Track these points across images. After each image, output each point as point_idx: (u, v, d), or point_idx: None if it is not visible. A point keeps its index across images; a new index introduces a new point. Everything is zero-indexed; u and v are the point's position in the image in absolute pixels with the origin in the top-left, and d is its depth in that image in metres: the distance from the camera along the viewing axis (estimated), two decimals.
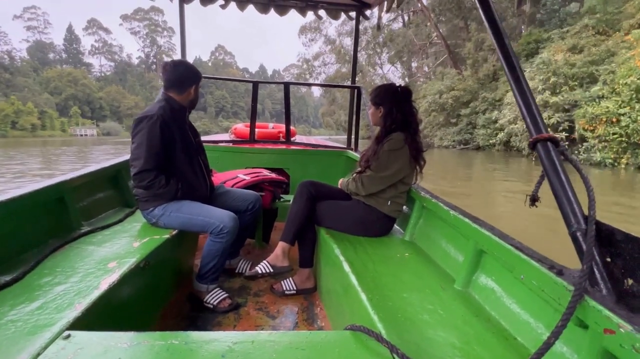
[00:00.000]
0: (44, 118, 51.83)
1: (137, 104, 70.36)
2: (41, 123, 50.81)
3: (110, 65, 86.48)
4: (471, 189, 9.37)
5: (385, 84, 1.93)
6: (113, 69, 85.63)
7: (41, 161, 15.09)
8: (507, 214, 6.20)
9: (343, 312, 1.44)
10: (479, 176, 11.83)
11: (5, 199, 1.29)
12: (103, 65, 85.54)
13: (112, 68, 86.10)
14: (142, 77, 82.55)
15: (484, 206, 6.69)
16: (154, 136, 1.65)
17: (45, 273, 1.23)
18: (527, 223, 5.06)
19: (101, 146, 26.18)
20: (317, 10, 3.19)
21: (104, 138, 51.09)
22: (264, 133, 4.06)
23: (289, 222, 1.83)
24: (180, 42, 3.23)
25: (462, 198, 7.25)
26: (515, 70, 1.13)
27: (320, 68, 45.34)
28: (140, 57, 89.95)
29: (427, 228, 1.76)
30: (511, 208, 6.47)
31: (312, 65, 45.08)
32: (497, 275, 1.22)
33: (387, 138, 1.79)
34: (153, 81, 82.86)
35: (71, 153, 19.72)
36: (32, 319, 0.96)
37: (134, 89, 76.66)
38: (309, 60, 44.90)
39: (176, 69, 1.82)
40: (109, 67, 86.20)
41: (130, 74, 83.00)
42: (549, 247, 1.67)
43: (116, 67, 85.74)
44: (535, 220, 5.05)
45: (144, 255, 1.38)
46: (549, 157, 0.99)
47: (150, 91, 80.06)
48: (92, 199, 1.92)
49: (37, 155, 18.09)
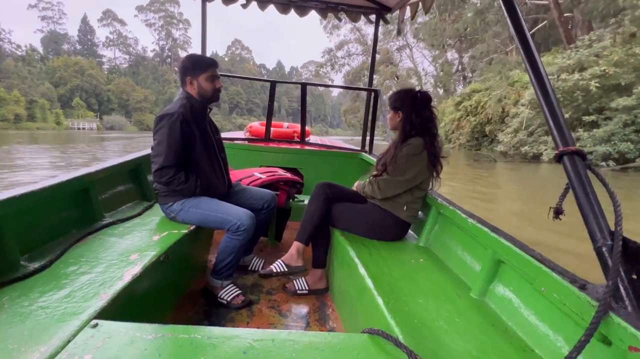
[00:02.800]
0: (34, 108, 46.28)
1: (146, 97, 66.58)
2: (29, 114, 45.26)
3: (124, 58, 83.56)
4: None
5: (405, 89, 1.92)
6: (127, 61, 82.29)
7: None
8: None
9: (356, 314, 1.46)
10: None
11: (36, 188, 1.35)
12: (117, 58, 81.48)
13: (126, 61, 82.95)
14: (155, 70, 78.16)
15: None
16: (174, 134, 1.71)
17: (71, 261, 1.30)
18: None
19: (67, 145, 19.64)
20: (337, 12, 3.21)
21: (106, 133, 45.49)
22: (279, 132, 3.95)
23: (305, 223, 1.87)
24: (201, 41, 3.26)
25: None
26: (542, 79, 1.12)
27: (344, 59, 38.89)
28: (155, 50, 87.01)
29: (443, 235, 1.77)
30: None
31: (335, 56, 38.33)
32: (516, 286, 1.22)
33: (405, 143, 1.80)
34: (166, 74, 79.74)
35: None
36: (61, 306, 1.02)
37: (145, 82, 73.49)
38: (331, 50, 38.22)
39: (181, 62, 1.86)
40: (123, 60, 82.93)
41: (143, 66, 78.35)
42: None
43: (130, 60, 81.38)
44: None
45: (163, 249, 1.44)
46: (575, 170, 0.99)
47: (163, 85, 75.22)
48: (113, 192, 1.99)
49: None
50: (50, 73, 61.72)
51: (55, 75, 60.74)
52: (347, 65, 41.10)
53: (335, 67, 41.36)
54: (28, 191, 1.32)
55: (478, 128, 21.96)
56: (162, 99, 74.21)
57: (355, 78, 39.49)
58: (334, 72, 41.90)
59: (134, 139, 29.94)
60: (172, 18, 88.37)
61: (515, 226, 5.24)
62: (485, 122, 21.28)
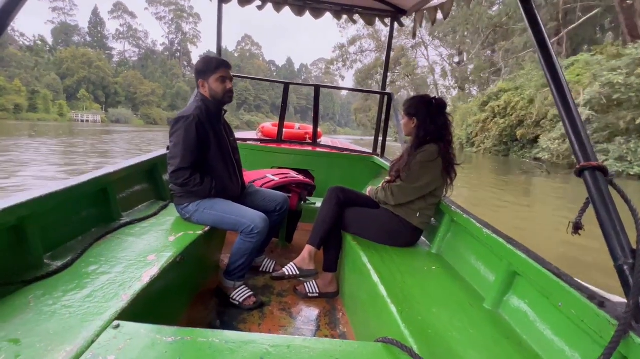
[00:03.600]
0: (36, 99, 45.07)
1: (154, 91, 65.71)
2: (30, 104, 44.01)
3: (134, 51, 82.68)
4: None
5: (420, 95, 1.94)
6: (137, 55, 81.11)
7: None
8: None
9: (368, 320, 1.49)
10: None
11: (60, 189, 1.39)
12: (127, 51, 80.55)
13: (135, 54, 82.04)
14: (164, 64, 77.14)
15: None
16: (189, 136, 1.75)
17: (91, 261, 1.33)
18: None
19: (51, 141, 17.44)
20: (352, 14, 3.23)
21: (112, 126, 44.32)
22: (291, 133, 3.99)
23: (317, 227, 1.89)
24: (216, 41, 3.30)
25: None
26: (564, 93, 1.12)
27: (356, 55, 37.06)
28: (165, 44, 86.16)
29: (456, 243, 1.78)
30: None
31: (347, 52, 36.54)
32: (531, 299, 1.22)
33: (420, 149, 1.81)
34: (174, 68, 78.33)
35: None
36: (84, 306, 1.04)
37: (154, 76, 72.07)
38: (343, 45, 36.40)
39: (195, 64, 1.90)
40: (133, 53, 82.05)
41: (152, 60, 77.31)
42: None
43: (140, 53, 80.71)
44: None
45: (179, 250, 1.48)
46: (596, 186, 0.98)
47: (171, 79, 74.12)
48: (130, 191, 2.03)
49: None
50: (58, 64, 61.60)
51: (63, 67, 60.31)
52: (359, 62, 39.41)
53: (347, 63, 39.69)
54: (52, 191, 1.35)
55: (507, 131, 19.80)
56: (170, 93, 73.45)
57: (368, 76, 37.76)
58: (345, 68, 40.35)
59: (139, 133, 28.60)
60: (182, 12, 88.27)
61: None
62: (516, 124, 19.11)
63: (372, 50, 38.79)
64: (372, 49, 38.72)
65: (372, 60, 38.32)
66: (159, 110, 68.41)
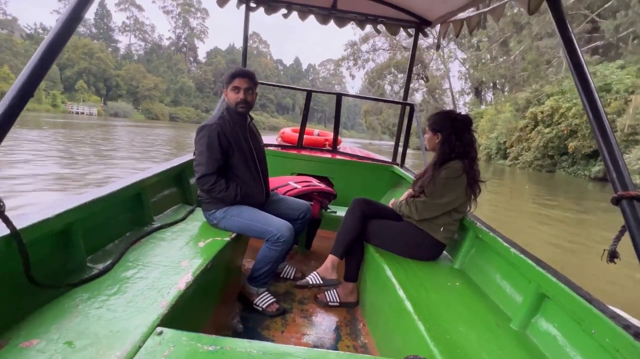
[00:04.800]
0: None
1: (156, 85, 63.74)
2: None
3: (140, 45, 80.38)
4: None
5: (445, 111, 1.95)
6: (143, 48, 78.71)
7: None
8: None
9: (392, 334, 1.50)
10: None
11: (103, 194, 1.46)
12: (133, 44, 78.45)
13: (141, 47, 79.56)
14: (169, 58, 74.92)
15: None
16: (213, 143, 1.82)
17: (129, 265, 1.39)
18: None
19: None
20: (376, 24, 3.25)
21: (109, 120, 41.82)
22: (311, 140, 4.01)
23: (340, 237, 1.92)
24: (242, 48, 3.38)
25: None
26: (602, 121, 1.11)
27: (368, 54, 34.41)
28: (171, 39, 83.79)
29: (480, 260, 1.79)
30: None
31: (359, 50, 33.88)
32: (560, 323, 1.22)
33: (444, 165, 1.82)
34: (180, 63, 75.97)
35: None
36: (127, 311, 1.08)
37: (158, 70, 69.34)
38: (355, 43, 33.84)
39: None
40: (139, 47, 79.85)
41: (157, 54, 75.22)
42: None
43: (146, 47, 78.59)
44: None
45: (210, 256, 1.54)
46: (634, 216, 0.97)
47: (176, 74, 71.69)
48: (160, 196, 2.10)
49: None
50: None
51: (63, 57, 57.90)
52: (372, 60, 36.82)
53: (359, 62, 37.10)
54: (96, 197, 1.41)
55: (555, 143, 16.64)
56: (174, 88, 71.41)
57: (380, 76, 35.15)
58: (357, 67, 37.72)
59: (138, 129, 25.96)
60: (190, 6, 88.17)
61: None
62: (566, 135, 15.97)
63: (386, 50, 36.21)
64: (385, 47, 36.10)
65: (385, 60, 35.72)
66: (161, 105, 66.58)
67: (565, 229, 6.93)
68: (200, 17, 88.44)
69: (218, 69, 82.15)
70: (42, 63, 0.93)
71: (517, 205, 9.20)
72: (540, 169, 17.49)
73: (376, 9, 3.01)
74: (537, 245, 5.37)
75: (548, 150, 17.06)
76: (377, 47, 36.60)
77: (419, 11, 2.99)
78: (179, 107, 69.66)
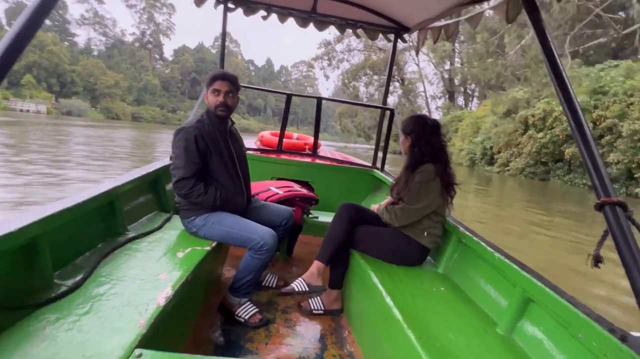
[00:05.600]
0: None
1: (117, 82, 59.20)
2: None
3: (100, 40, 74.93)
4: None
5: (416, 115, 2.01)
6: (104, 44, 73.67)
7: None
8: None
9: (379, 343, 1.50)
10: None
11: (71, 204, 1.36)
12: (92, 39, 73.24)
13: (102, 43, 74.12)
14: (133, 55, 70.46)
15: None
16: (189, 147, 1.77)
17: (102, 280, 1.30)
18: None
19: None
20: (355, 29, 3.26)
21: (62, 118, 37.92)
22: (290, 144, 4.01)
23: (327, 243, 1.91)
24: (220, 49, 3.30)
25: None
26: (583, 128, 1.13)
27: (343, 54, 33.26)
28: (135, 34, 79.62)
29: (463, 264, 1.82)
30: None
31: (334, 50, 32.77)
32: (546, 327, 1.24)
33: (418, 169, 1.86)
34: (144, 60, 71.32)
35: None
36: (102, 332, 1.00)
37: (119, 66, 64.20)
38: (329, 42, 32.69)
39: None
40: (99, 42, 74.47)
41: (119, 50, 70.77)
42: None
43: (107, 42, 73.49)
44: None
45: (190, 267, 1.47)
46: (617, 222, 0.99)
47: (139, 71, 67.50)
48: (134, 204, 2.00)
49: None
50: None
51: None
52: (347, 61, 35.71)
53: (333, 62, 35.90)
54: (64, 207, 1.31)
55: (549, 149, 15.46)
56: (137, 86, 67.34)
57: (355, 77, 34.19)
58: (331, 68, 36.49)
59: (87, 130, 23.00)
60: (155, 1, 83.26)
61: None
62: (562, 141, 14.80)
63: (361, 50, 35.33)
64: (360, 48, 35.23)
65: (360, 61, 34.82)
66: (123, 104, 62.85)
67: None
68: (166, 13, 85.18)
69: (186, 68, 78.87)
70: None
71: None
72: (533, 176, 16.28)
73: (356, 13, 3.02)
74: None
75: (541, 156, 15.99)
76: (352, 48, 35.84)
77: (399, 17, 3.03)
78: (143, 107, 66.16)
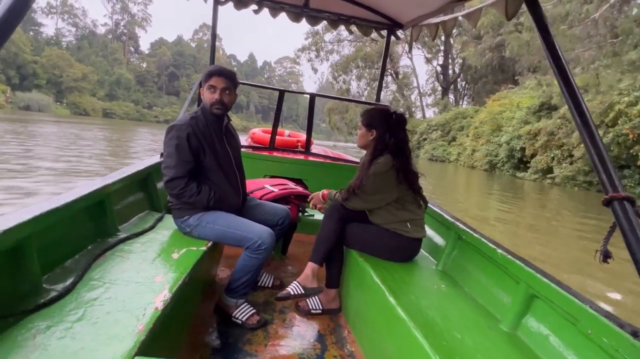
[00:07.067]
0: None
1: (86, 76, 54.16)
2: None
3: (69, 30, 69.31)
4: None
5: (379, 108, 1.99)
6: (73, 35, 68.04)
7: None
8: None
9: (382, 342, 1.49)
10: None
11: (60, 204, 1.30)
12: (61, 29, 67.50)
13: (71, 33, 68.48)
14: (105, 47, 65.20)
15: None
16: (182, 145, 1.72)
17: (94, 284, 1.24)
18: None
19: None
20: (348, 24, 3.26)
21: (18, 114, 33.14)
22: (282, 141, 3.93)
23: (319, 243, 1.89)
24: (211, 44, 3.26)
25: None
26: (589, 124, 1.12)
27: (332, 45, 30.30)
28: (108, 25, 73.63)
29: (464, 261, 1.83)
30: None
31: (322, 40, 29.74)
32: (553, 323, 1.24)
33: (374, 161, 1.85)
34: (117, 53, 66.52)
35: None
36: (97, 340, 0.94)
37: (89, 58, 59.07)
38: (317, 32, 29.67)
39: None
40: (68, 32, 68.73)
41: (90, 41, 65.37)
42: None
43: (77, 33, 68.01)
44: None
45: (187, 268, 1.43)
46: (626, 217, 0.99)
47: (112, 64, 62.34)
48: (125, 203, 1.95)
49: None
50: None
51: None
52: (336, 52, 32.82)
53: (321, 54, 32.92)
54: (52, 207, 1.25)
55: (613, 152, 11.82)
56: (109, 80, 62.32)
57: (346, 70, 31.35)
58: (319, 60, 33.55)
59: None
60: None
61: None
62: (632, 142, 11.27)
63: (351, 41, 32.48)
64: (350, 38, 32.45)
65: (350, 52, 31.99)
66: (93, 99, 58.28)
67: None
68: (142, 3, 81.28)
69: (163, 61, 74.36)
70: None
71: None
72: (588, 186, 12.91)
73: (349, 9, 3.02)
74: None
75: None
76: (342, 38, 33.05)
77: (392, 14, 3.04)
78: (115, 102, 61.83)
